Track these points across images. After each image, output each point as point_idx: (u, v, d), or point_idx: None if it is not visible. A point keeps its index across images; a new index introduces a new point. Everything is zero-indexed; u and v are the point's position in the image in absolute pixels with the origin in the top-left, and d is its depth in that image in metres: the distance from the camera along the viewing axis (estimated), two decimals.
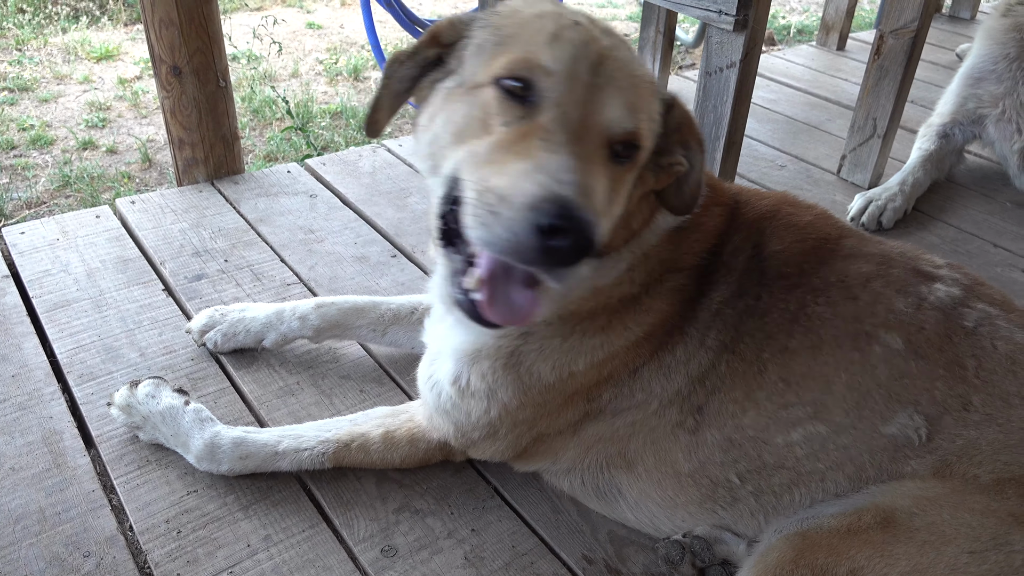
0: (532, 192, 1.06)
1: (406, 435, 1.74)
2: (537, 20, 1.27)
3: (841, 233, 1.58)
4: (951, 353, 1.42)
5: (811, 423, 1.44)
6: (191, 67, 2.68)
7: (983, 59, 3.13)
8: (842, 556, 1.29)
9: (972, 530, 1.27)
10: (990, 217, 3.07)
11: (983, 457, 1.36)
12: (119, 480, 1.72)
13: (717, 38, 2.33)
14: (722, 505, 1.54)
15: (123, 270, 2.39)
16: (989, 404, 1.39)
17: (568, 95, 1.20)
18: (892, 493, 1.37)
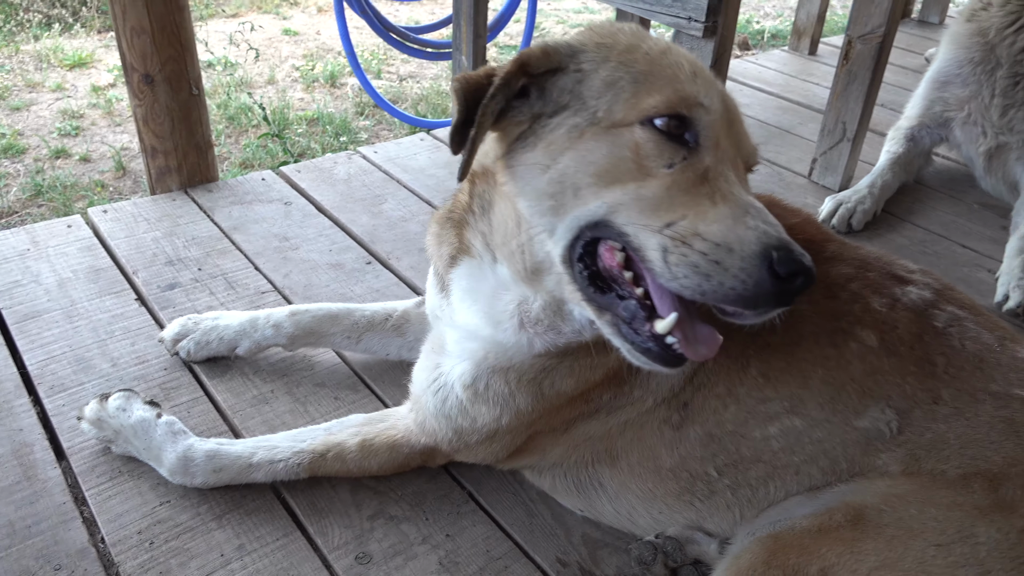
0: (758, 240, 1.11)
1: (386, 442, 1.74)
2: (665, 55, 1.25)
3: (825, 237, 1.63)
4: (922, 351, 1.47)
5: (788, 417, 1.47)
6: (163, 75, 2.67)
7: (948, 63, 3.19)
8: (813, 555, 1.31)
9: (938, 524, 1.29)
10: (957, 218, 3.12)
11: (951, 452, 1.39)
12: (91, 492, 1.71)
13: (688, 44, 2.36)
14: (699, 498, 1.57)
15: (95, 280, 2.38)
16: (957, 399, 1.43)
17: (724, 132, 1.22)
18: (862, 492, 1.40)
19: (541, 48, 1.27)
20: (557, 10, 7.23)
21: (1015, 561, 1.23)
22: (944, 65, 3.21)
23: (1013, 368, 1.46)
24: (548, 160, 1.24)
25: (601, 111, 1.22)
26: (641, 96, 1.20)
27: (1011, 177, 3.14)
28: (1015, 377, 1.45)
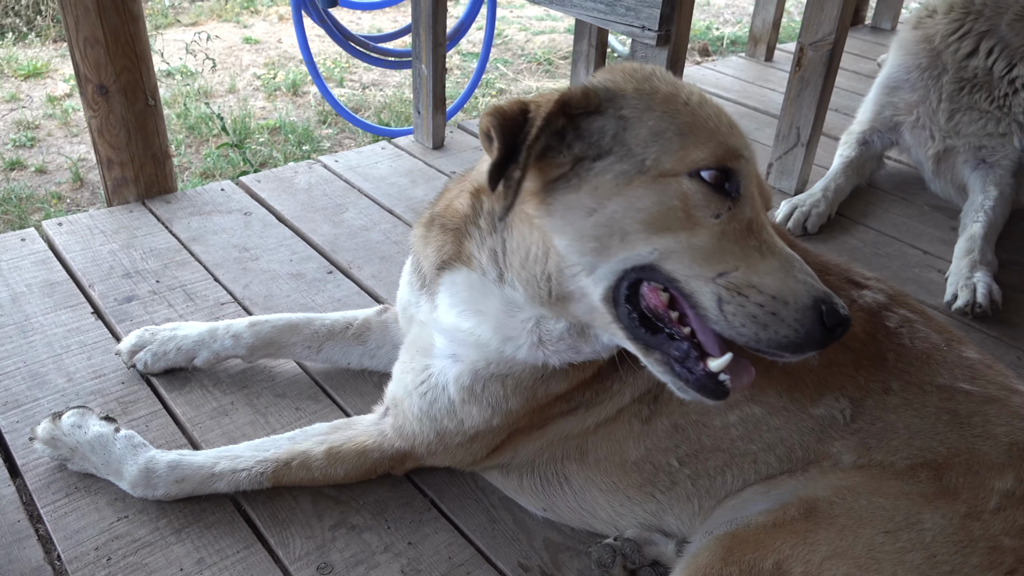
0: (808, 293, 1.23)
1: (354, 448, 1.74)
2: (703, 107, 1.30)
3: (790, 242, 1.69)
4: (874, 347, 1.55)
5: (748, 405, 1.53)
6: (118, 86, 2.65)
7: (897, 69, 3.27)
8: (768, 549, 1.35)
9: (887, 512, 1.35)
10: (909, 220, 3.20)
11: (900, 442, 1.46)
12: (46, 509, 1.69)
13: (642, 53, 2.40)
14: (661, 489, 1.61)
15: (50, 294, 2.34)
16: (906, 390, 1.50)
17: (755, 183, 1.31)
18: (815, 486, 1.45)
19: (582, 90, 1.30)
20: (519, 17, 7.27)
21: (958, 545, 1.29)
22: (893, 71, 3.30)
23: (959, 365, 1.54)
24: (594, 204, 1.27)
25: (649, 160, 1.25)
26: (689, 148, 1.25)
27: (959, 180, 3.23)
28: (960, 373, 1.52)
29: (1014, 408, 1.47)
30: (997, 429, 1.43)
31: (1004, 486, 1.34)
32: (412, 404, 1.66)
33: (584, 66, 3.94)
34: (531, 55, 6.30)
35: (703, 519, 1.57)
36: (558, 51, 6.39)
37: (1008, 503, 1.33)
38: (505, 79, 5.82)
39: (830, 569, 1.29)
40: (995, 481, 1.35)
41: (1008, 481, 1.35)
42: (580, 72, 3.98)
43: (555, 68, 6.09)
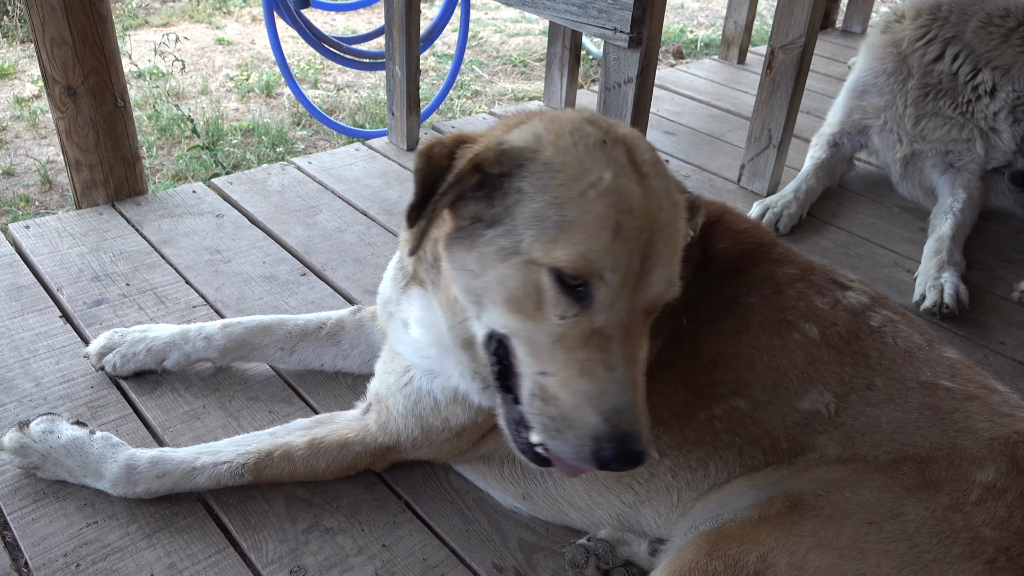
0: (594, 428, 1.22)
1: (336, 441, 1.74)
2: (603, 198, 1.25)
3: (773, 241, 1.76)
4: (857, 346, 1.58)
5: (732, 398, 1.56)
6: (86, 87, 2.61)
7: (866, 73, 3.32)
8: (753, 543, 1.37)
9: (871, 504, 1.37)
10: (879, 221, 3.25)
11: (883, 437, 1.48)
12: (13, 515, 1.66)
13: (614, 55, 2.41)
14: (639, 481, 1.63)
15: (16, 297, 2.31)
16: (889, 386, 1.54)
17: (620, 295, 1.26)
18: (801, 479, 1.47)
19: (497, 153, 1.31)
20: (495, 19, 7.28)
21: (941, 535, 1.31)
22: (861, 75, 3.35)
23: (940, 363, 1.57)
24: (478, 269, 1.33)
25: (525, 243, 1.27)
26: (558, 244, 1.24)
27: (927, 183, 3.28)
28: (942, 371, 1.56)
29: (993, 405, 1.50)
30: (978, 425, 1.46)
31: (985, 479, 1.37)
32: (396, 403, 1.68)
33: (559, 68, 3.96)
34: (506, 57, 6.31)
35: (683, 512, 1.59)
36: (533, 53, 6.41)
37: (989, 495, 1.36)
38: (480, 81, 5.82)
39: (815, 559, 1.31)
40: (977, 474, 1.38)
41: (989, 474, 1.38)
42: (555, 75, 4.00)
43: (530, 70, 6.11)
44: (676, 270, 1.32)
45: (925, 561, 1.29)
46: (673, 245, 1.31)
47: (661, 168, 1.35)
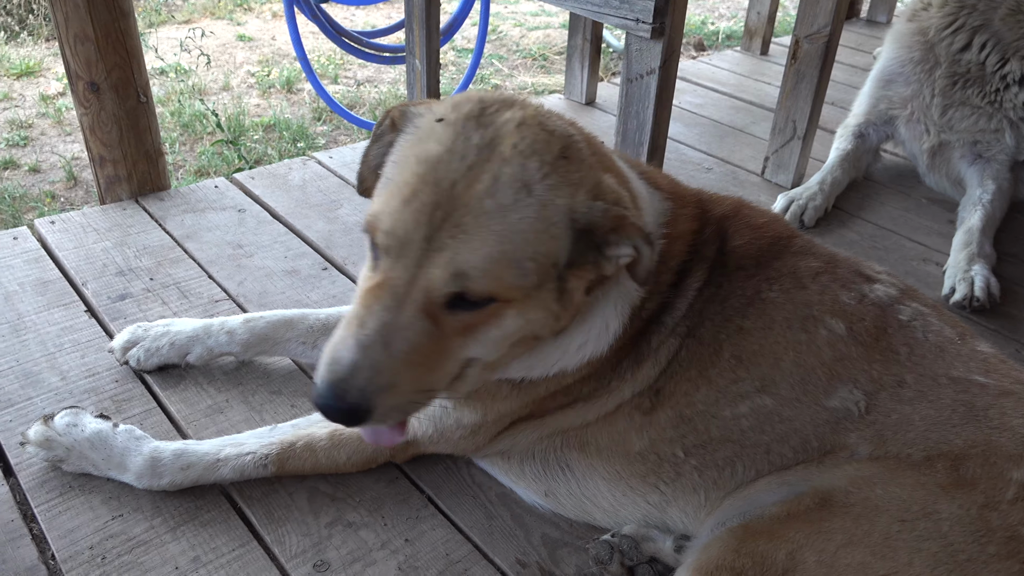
0: (320, 373, 1.28)
1: (356, 433, 1.74)
2: (412, 168, 1.29)
3: (792, 233, 1.71)
4: (887, 341, 1.54)
5: (758, 396, 1.52)
6: (109, 83, 2.63)
7: (892, 62, 3.27)
8: (782, 539, 1.34)
9: (903, 502, 1.34)
10: (906, 213, 3.19)
11: (916, 434, 1.44)
12: (40, 508, 1.68)
13: (636, 46, 2.38)
14: (665, 480, 1.60)
15: (42, 292, 2.33)
16: (921, 383, 1.50)
17: (397, 263, 1.27)
18: (830, 476, 1.44)
19: (401, 111, 1.42)
20: (514, 13, 7.25)
21: (976, 534, 1.28)
22: (887, 64, 3.29)
23: (973, 358, 1.53)
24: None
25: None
26: (375, 202, 1.34)
27: (955, 174, 3.22)
28: (975, 365, 1.52)
29: None
30: (1014, 421, 1.42)
31: (1022, 476, 1.34)
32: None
33: (579, 61, 3.93)
34: (526, 50, 6.28)
35: (709, 512, 1.56)
36: (553, 46, 6.37)
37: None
38: (500, 75, 5.81)
39: (845, 557, 1.29)
40: (1013, 472, 1.35)
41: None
42: (575, 67, 3.97)
43: (550, 63, 6.08)
44: (473, 264, 1.24)
45: (959, 560, 1.26)
46: (475, 236, 1.24)
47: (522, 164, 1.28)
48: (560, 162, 1.32)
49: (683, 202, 1.64)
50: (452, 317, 1.29)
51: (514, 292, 1.30)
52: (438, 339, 1.30)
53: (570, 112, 3.93)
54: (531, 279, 1.30)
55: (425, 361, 1.30)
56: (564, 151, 1.33)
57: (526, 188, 1.27)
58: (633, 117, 2.49)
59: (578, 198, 1.32)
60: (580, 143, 1.39)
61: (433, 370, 1.33)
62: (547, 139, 1.32)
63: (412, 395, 1.33)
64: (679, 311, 1.57)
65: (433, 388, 1.36)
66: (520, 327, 1.36)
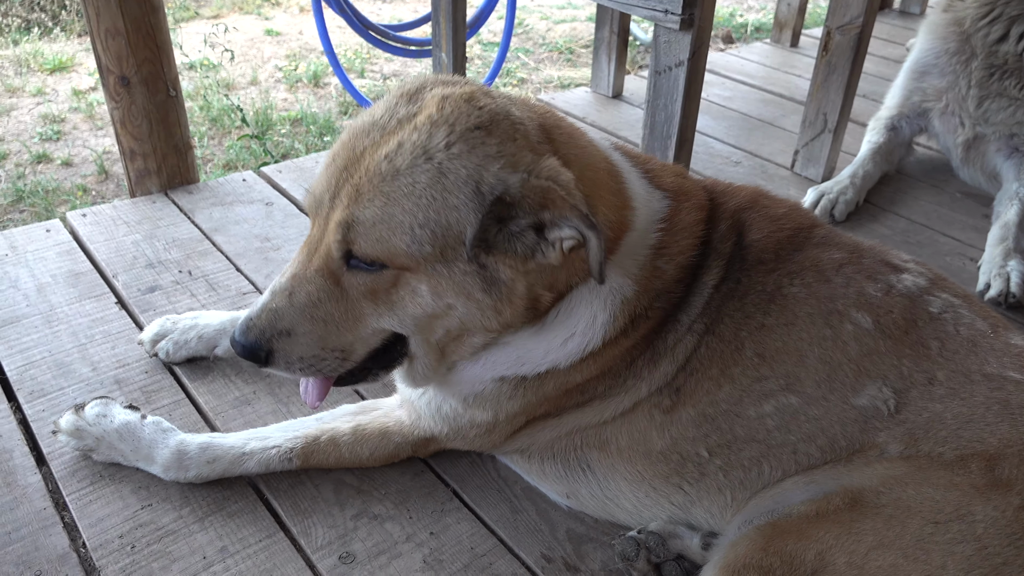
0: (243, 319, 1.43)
1: (378, 429, 1.75)
2: (344, 133, 1.40)
3: (813, 223, 1.66)
4: (916, 335, 1.49)
5: (783, 395, 1.49)
6: (140, 77, 2.65)
7: (926, 53, 3.20)
8: (811, 539, 1.32)
9: (936, 503, 1.31)
10: (939, 207, 3.13)
11: (948, 432, 1.40)
12: (71, 497, 1.70)
13: (665, 37, 2.36)
14: (689, 480, 1.57)
15: (74, 284, 2.36)
16: (952, 379, 1.45)
17: (315, 220, 1.40)
18: (860, 476, 1.41)
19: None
20: (540, 6, 7.23)
21: (1011, 537, 1.25)
22: (922, 55, 3.22)
23: (1007, 352, 1.48)
24: None
25: None
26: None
27: (990, 167, 3.15)
28: (1009, 361, 1.47)
29: None
30: None
31: None
32: (421, 408, 1.68)
33: (606, 53, 3.90)
34: (552, 44, 6.26)
35: (736, 511, 1.54)
36: (579, 40, 6.34)
37: None
38: (526, 68, 5.79)
39: (876, 560, 1.26)
40: None
41: None
42: (602, 60, 3.94)
43: (576, 57, 6.05)
44: (359, 221, 1.31)
45: (995, 564, 1.22)
46: (365, 195, 1.31)
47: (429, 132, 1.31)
48: (473, 133, 1.32)
49: (686, 197, 1.59)
50: (353, 277, 1.37)
51: (406, 259, 1.32)
52: (341, 299, 1.39)
53: (597, 105, 3.91)
54: (426, 249, 1.31)
55: (329, 318, 1.39)
56: (484, 124, 1.33)
57: (426, 154, 1.30)
58: (661, 110, 2.46)
59: (490, 169, 1.30)
60: (518, 123, 1.36)
61: (341, 330, 1.41)
62: (467, 112, 1.33)
63: (318, 351, 1.42)
64: (695, 308, 1.53)
65: (345, 350, 1.44)
66: (439, 308, 1.38)
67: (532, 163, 1.32)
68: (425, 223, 1.29)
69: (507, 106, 1.38)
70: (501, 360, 1.55)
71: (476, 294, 1.36)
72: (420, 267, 1.33)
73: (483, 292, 1.36)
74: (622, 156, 1.61)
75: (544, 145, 1.38)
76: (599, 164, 1.49)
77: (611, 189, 1.49)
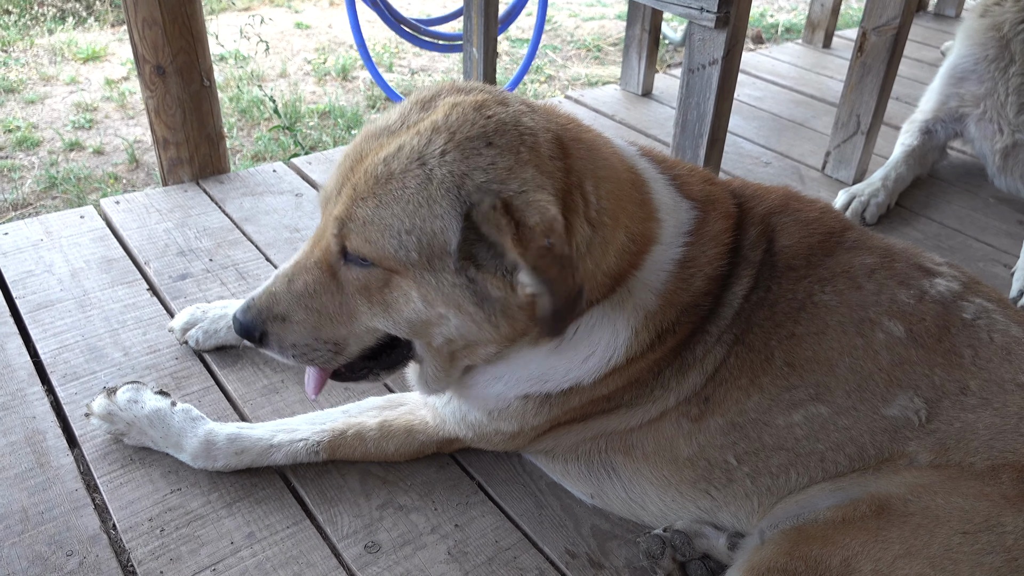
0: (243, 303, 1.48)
1: (403, 426, 1.76)
2: (359, 135, 1.41)
3: (844, 226, 1.63)
4: (949, 343, 1.46)
5: (813, 404, 1.47)
6: (175, 66, 2.68)
7: (964, 59, 3.15)
8: (836, 545, 1.30)
9: (965, 513, 1.29)
10: (973, 213, 3.09)
11: (979, 443, 1.38)
12: (102, 479, 1.72)
13: (699, 35, 2.34)
14: (716, 487, 1.56)
15: (107, 270, 2.39)
16: (986, 389, 1.42)
17: (322, 215, 1.42)
18: (888, 483, 1.39)
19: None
20: (569, 3, 7.21)
21: None
22: (959, 60, 3.18)
23: None
24: None
25: None
26: None
27: None
28: None
29: None
30: None
31: None
32: (446, 414, 1.68)
33: (636, 51, 3.89)
34: (580, 41, 6.24)
35: (762, 516, 1.52)
36: (607, 37, 6.32)
37: None
38: (554, 65, 5.78)
39: (902, 568, 1.24)
40: None
41: None
42: (632, 58, 3.93)
43: (604, 55, 6.03)
44: (352, 218, 1.31)
45: None
46: (361, 194, 1.31)
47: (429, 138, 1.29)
48: (473, 142, 1.28)
49: (714, 206, 1.56)
50: (349, 272, 1.37)
51: (394, 263, 1.32)
52: (336, 292, 1.40)
53: (626, 103, 3.89)
54: (412, 255, 1.30)
55: (323, 310, 1.41)
56: (488, 134, 1.28)
57: (420, 159, 1.28)
58: (693, 108, 2.45)
59: (474, 179, 1.25)
60: (527, 134, 1.30)
61: (334, 324, 1.42)
62: (472, 120, 1.30)
63: (311, 340, 1.43)
64: (725, 319, 1.51)
65: (338, 344, 1.45)
66: (431, 316, 1.36)
67: (521, 185, 1.25)
68: (412, 229, 1.28)
69: (519, 116, 1.33)
70: (523, 377, 1.54)
71: (468, 307, 1.33)
72: (409, 273, 1.32)
73: (475, 306, 1.32)
74: (649, 163, 1.58)
75: (556, 161, 1.32)
76: (622, 176, 1.46)
77: (635, 201, 1.46)
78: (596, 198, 1.36)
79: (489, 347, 1.44)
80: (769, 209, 1.60)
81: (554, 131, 1.37)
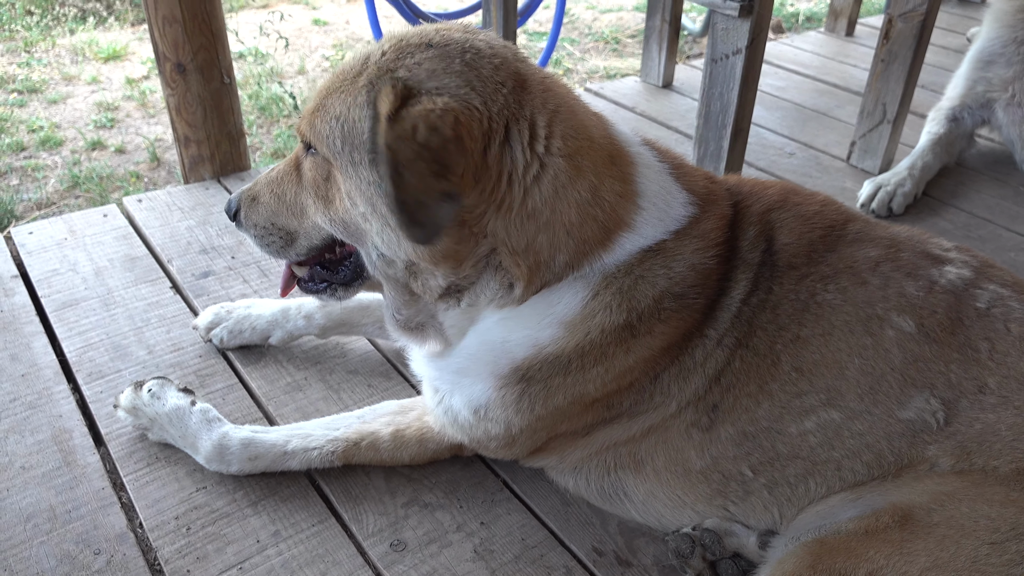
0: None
1: (416, 435, 1.74)
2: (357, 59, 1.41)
3: (846, 218, 1.56)
4: (964, 336, 1.40)
5: (825, 410, 1.42)
6: (195, 64, 2.68)
7: (992, 42, 3.09)
8: (860, 558, 1.27)
9: (992, 521, 1.25)
10: (1002, 201, 3.03)
11: (1003, 445, 1.34)
12: (128, 478, 1.73)
13: (723, 24, 2.31)
14: (733, 500, 1.52)
15: (131, 268, 2.40)
16: (1005, 386, 1.37)
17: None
18: (910, 491, 1.35)
19: None
20: None
21: None
22: (987, 44, 3.12)
23: None
24: None
25: None
26: None
27: None
28: None
29: None
30: None
31: None
32: (439, 416, 1.66)
33: (656, 42, 3.85)
34: (598, 34, 6.19)
35: (785, 527, 1.49)
36: (626, 29, 6.27)
37: None
38: (572, 58, 5.74)
39: None
40: None
41: None
42: (652, 49, 3.89)
43: (622, 47, 5.98)
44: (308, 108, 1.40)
45: None
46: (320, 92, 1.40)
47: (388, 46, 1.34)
48: (411, 46, 1.33)
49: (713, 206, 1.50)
50: (306, 164, 1.46)
51: (327, 151, 1.37)
52: (295, 182, 1.51)
53: (647, 94, 3.86)
54: (338, 143, 1.34)
55: (282, 196, 1.53)
56: (433, 43, 1.33)
57: (367, 57, 1.35)
58: (716, 99, 2.42)
59: (396, 74, 1.30)
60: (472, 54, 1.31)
61: (289, 213, 1.54)
62: (427, 33, 1.35)
63: (268, 224, 1.56)
64: (723, 322, 1.45)
65: (290, 234, 1.56)
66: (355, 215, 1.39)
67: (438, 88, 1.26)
68: (339, 115, 1.33)
69: (478, 43, 1.33)
70: (488, 345, 1.48)
71: (381, 207, 1.32)
72: (337, 163, 1.37)
73: (388, 208, 1.29)
74: (649, 151, 1.51)
75: (503, 88, 1.30)
76: (596, 138, 1.39)
77: (610, 169, 1.39)
78: (547, 135, 1.31)
79: (429, 278, 1.42)
80: (767, 206, 1.54)
81: (517, 68, 1.34)
